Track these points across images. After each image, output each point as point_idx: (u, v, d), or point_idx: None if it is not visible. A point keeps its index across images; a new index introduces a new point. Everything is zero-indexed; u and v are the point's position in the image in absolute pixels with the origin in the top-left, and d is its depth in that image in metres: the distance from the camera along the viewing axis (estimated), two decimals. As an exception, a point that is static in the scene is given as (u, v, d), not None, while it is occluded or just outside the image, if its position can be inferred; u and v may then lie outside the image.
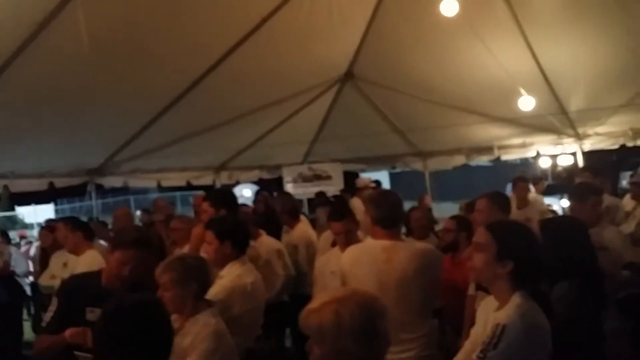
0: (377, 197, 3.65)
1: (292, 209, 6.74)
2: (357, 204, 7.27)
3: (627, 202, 6.97)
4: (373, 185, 9.52)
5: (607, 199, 6.11)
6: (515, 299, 2.30)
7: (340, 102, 9.90)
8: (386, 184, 32.25)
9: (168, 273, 2.95)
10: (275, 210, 7.24)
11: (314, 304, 1.92)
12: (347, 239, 4.13)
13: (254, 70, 7.76)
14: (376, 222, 3.39)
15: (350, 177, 11.52)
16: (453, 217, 5.21)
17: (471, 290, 3.97)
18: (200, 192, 7.83)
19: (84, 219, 7.13)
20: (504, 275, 2.33)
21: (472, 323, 3.85)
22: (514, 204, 6.80)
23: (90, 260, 4.91)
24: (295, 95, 8.94)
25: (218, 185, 11.11)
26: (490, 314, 2.45)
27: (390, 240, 3.35)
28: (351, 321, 1.82)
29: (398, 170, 14.59)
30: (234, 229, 3.75)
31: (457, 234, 4.71)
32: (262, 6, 6.69)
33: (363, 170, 12.79)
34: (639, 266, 3.70)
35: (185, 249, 4.55)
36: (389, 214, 3.40)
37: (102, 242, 6.13)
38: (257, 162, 11.49)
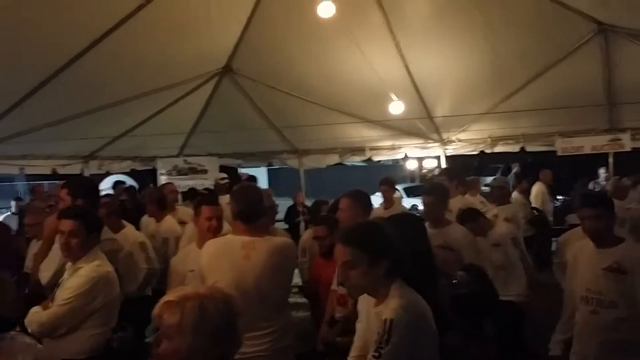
0: (238, 191, 3.66)
1: (160, 200, 6.58)
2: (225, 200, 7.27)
3: (468, 199, 7.53)
4: (227, 181, 9.52)
5: (462, 201, 6.61)
6: (395, 291, 2.37)
7: (218, 95, 9.82)
8: (264, 180, 32.41)
9: None
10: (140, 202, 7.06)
11: (171, 297, 1.87)
12: (218, 224, 4.14)
13: (131, 57, 7.52)
14: (236, 216, 3.41)
15: (227, 172, 11.48)
16: (321, 222, 5.23)
17: (334, 285, 4.07)
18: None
19: None
20: (381, 276, 2.40)
21: (330, 316, 4.04)
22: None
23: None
24: (172, 86, 8.75)
25: (87, 174, 10.64)
26: (371, 309, 2.51)
27: (250, 235, 3.38)
28: (216, 318, 1.81)
29: (277, 166, 14.69)
30: (90, 218, 3.66)
31: (332, 237, 4.72)
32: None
33: (240, 166, 12.79)
34: (477, 268, 3.91)
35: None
36: (249, 209, 3.42)
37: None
38: (130, 152, 11.11)
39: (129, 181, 13.84)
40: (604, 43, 7.58)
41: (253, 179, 10.35)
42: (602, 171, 11.79)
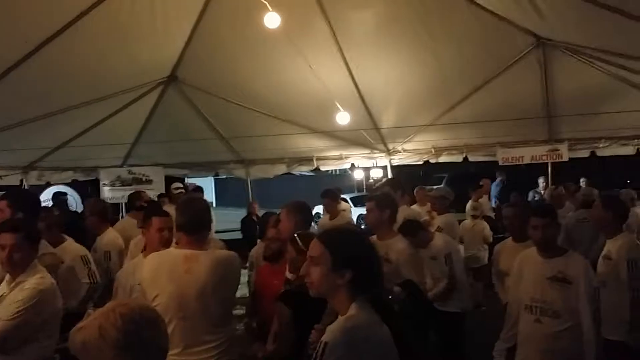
0: (182, 203, 3.60)
1: (101, 213, 6.39)
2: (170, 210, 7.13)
3: (416, 209, 7.65)
4: (181, 190, 9.40)
5: (407, 211, 6.69)
6: (352, 310, 2.26)
7: (163, 105, 9.67)
8: (211, 190, 32.11)
9: None
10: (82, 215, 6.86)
11: (82, 322, 1.79)
12: (169, 235, 4.06)
13: (72, 65, 7.35)
14: (180, 228, 3.35)
15: (173, 182, 11.31)
16: (277, 225, 5.22)
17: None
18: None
19: None
20: (342, 285, 2.28)
21: (275, 331, 3.98)
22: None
23: None
24: (115, 95, 8.56)
25: (26, 185, 10.31)
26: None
27: (193, 248, 3.33)
28: (115, 334, 1.71)
29: (224, 176, 14.57)
30: (31, 230, 3.57)
31: (280, 242, 4.72)
32: (81, -1, 6.38)
33: (186, 176, 12.62)
34: (412, 284, 3.92)
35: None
36: (193, 220, 3.37)
37: None
38: (71, 162, 10.80)
39: (71, 192, 13.45)
40: (542, 56, 7.87)
41: (199, 189, 10.22)
42: (541, 180, 12.14)
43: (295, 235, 3.61)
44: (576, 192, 8.55)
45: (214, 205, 35.13)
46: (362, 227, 8.91)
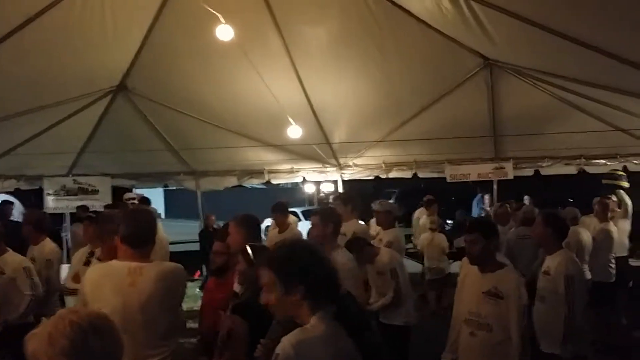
0: (127, 214, 3.56)
1: (37, 222, 6.21)
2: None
3: (373, 227, 7.71)
4: (134, 201, 9.24)
5: (356, 225, 6.74)
6: (311, 322, 2.26)
7: (111, 114, 9.50)
8: (160, 202, 31.57)
9: None
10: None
11: (35, 329, 1.79)
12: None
13: (18, 71, 7.15)
14: (123, 240, 3.29)
15: (120, 193, 11.09)
16: (221, 240, 5.16)
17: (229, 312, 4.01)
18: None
19: None
20: (300, 301, 2.28)
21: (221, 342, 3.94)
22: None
23: None
24: (62, 103, 8.38)
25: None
26: None
27: (137, 260, 3.28)
28: (63, 342, 1.70)
29: (174, 187, 14.37)
30: None
31: (228, 257, 4.68)
32: (28, 5, 6.22)
33: (134, 186, 12.39)
34: (349, 297, 3.95)
35: None
36: (137, 233, 3.32)
37: None
38: (14, 171, 10.47)
39: (14, 201, 13.03)
40: (489, 77, 8.08)
41: (146, 200, 10.05)
42: (486, 197, 12.43)
43: (247, 246, 3.59)
44: (518, 209, 8.77)
45: (164, 216, 34.66)
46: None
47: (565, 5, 4.95)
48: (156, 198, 29.87)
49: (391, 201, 14.00)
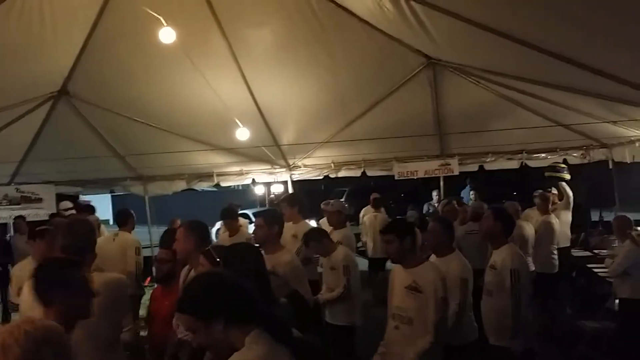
0: (66, 224, 3.49)
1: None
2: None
3: (324, 226, 7.74)
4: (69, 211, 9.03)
5: (305, 226, 6.76)
6: (246, 344, 2.21)
7: (53, 120, 9.22)
8: (107, 208, 30.87)
9: None
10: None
11: None
12: None
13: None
14: (63, 250, 3.24)
15: (65, 200, 10.82)
16: (166, 247, 4.97)
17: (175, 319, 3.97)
18: None
19: None
20: (226, 332, 2.22)
21: (175, 352, 3.91)
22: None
23: None
24: (0, 110, 8.11)
25: None
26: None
27: (78, 271, 3.22)
28: (16, 350, 1.73)
29: (122, 193, 14.08)
30: None
31: (173, 263, 4.57)
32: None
33: (80, 193, 12.10)
34: (299, 296, 3.98)
35: None
36: (76, 243, 3.27)
37: None
38: (-49, 180, 10.13)
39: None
40: (433, 76, 8.22)
41: (90, 208, 9.82)
42: (434, 193, 12.63)
43: (209, 247, 3.55)
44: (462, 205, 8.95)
45: (112, 223, 33.89)
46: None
47: (504, 4, 5.07)
48: (104, 204, 29.26)
49: (342, 200, 14.10)
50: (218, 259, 3.23)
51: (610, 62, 5.43)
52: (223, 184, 11.44)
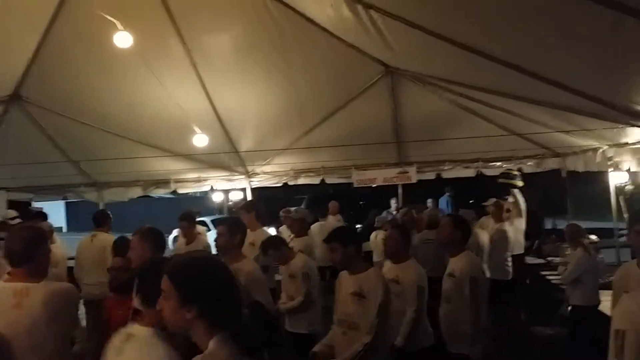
0: (11, 232, 3.39)
1: None
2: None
3: (284, 233, 7.73)
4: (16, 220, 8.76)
5: (264, 234, 6.72)
6: (209, 347, 2.13)
7: (5, 125, 8.95)
8: (61, 215, 30.23)
9: None
10: None
11: None
12: None
13: None
14: (7, 259, 3.13)
15: (17, 208, 10.49)
16: (120, 255, 4.95)
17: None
18: None
19: None
20: (194, 320, 2.16)
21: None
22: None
23: None
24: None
25: None
26: None
27: (25, 280, 3.13)
28: None
29: (76, 199, 13.76)
30: None
31: (129, 272, 4.44)
32: None
33: (32, 200, 11.79)
34: (259, 307, 3.95)
35: None
36: (21, 252, 3.17)
37: None
38: None
39: None
40: (391, 84, 8.29)
41: (42, 215, 9.57)
42: (393, 201, 12.71)
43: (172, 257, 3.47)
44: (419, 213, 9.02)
45: (65, 230, 33.13)
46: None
47: (459, 15, 5.13)
48: (57, 211, 28.59)
49: (302, 207, 14.09)
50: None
51: (565, 74, 5.56)
52: (180, 191, 11.30)
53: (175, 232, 11.65)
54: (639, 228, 3.66)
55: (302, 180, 10.86)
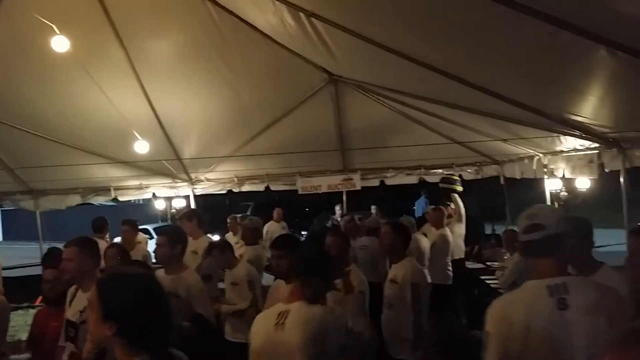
0: None
1: None
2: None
3: (230, 239, 7.68)
4: None
5: (206, 241, 6.65)
6: None
7: None
8: (-4, 223, 29.07)
9: None
10: None
11: None
12: None
13: None
14: None
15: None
16: (52, 267, 4.72)
17: (61, 341, 3.77)
18: None
19: None
20: (112, 337, 2.08)
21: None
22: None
23: None
24: None
25: None
26: None
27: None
28: None
29: (12, 208, 13.29)
30: None
31: (61, 283, 4.25)
32: None
33: (-36, 208, 11.33)
34: (202, 319, 3.93)
35: None
36: None
37: None
38: None
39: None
40: (335, 92, 8.35)
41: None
42: (337, 208, 12.79)
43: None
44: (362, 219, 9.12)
45: (1, 239, 31.98)
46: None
47: (401, 26, 5.19)
48: (-8, 219, 27.56)
49: (248, 213, 14.03)
50: None
51: (504, 86, 5.73)
52: (121, 198, 11.05)
53: (116, 240, 11.37)
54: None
55: (246, 188, 10.82)
